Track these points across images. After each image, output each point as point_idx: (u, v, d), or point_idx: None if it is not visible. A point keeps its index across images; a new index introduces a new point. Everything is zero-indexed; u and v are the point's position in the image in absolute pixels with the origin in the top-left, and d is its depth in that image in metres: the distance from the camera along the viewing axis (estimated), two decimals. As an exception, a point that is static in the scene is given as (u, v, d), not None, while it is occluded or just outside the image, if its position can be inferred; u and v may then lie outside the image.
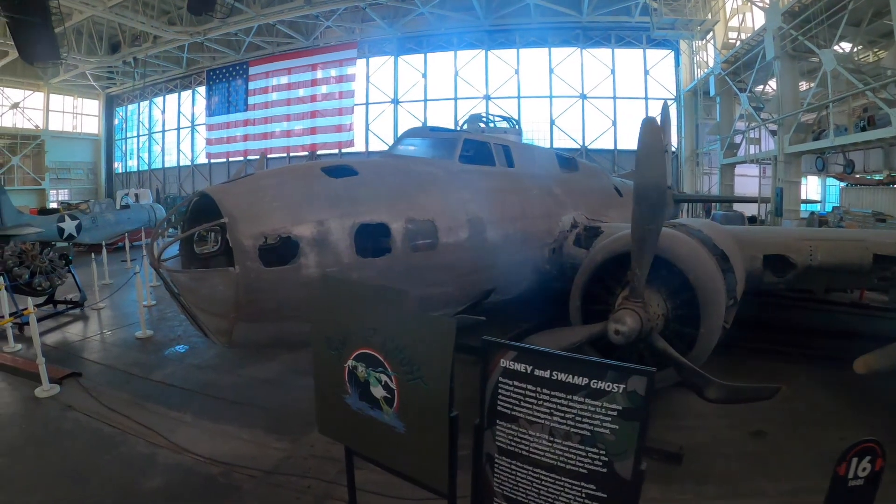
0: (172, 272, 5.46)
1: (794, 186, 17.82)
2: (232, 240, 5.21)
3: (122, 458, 5.67)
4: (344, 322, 2.97)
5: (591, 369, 2.50)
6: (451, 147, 8.24)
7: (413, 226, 6.36)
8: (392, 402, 2.82)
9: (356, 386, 2.96)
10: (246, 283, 5.19)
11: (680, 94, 29.04)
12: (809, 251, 7.15)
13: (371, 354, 2.88)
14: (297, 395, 7.18)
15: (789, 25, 16.07)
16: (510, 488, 2.68)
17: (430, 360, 2.70)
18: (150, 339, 10.07)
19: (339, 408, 3.04)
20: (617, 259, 6.10)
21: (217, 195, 5.53)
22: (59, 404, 7.04)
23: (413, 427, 2.76)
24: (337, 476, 5.08)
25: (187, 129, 39.71)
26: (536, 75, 32.21)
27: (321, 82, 33.84)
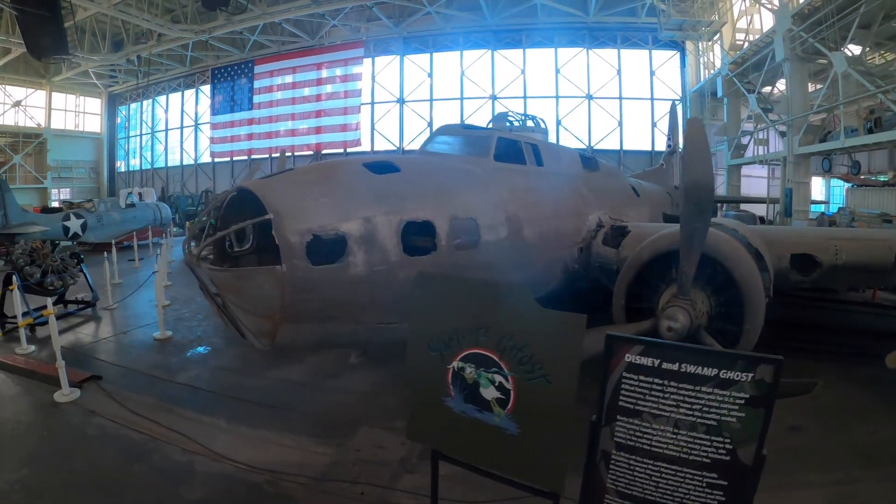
0: (213, 271, 5.29)
1: (804, 187, 17.87)
2: (278, 237, 5.05)
3: (157, 468, 5.37)
4: (449, 322, 2.86)
5: (721, 360, 2.54)
6: (486, 145, 8.22)
7: (456, 224, 6.30)
8: (506, 403, 2.76)
9: (462, 388, 2.87)
10: (293, 282, 5.03)
11: (686, 94, 29.05)
12: (835, 250, 7.19)
13: (483, 354, 2.79)
14: (331, 397, 7.06)
15: (799, 28, 16.07)
16: (625, 484, 2.67)
17: (554, 357, 2.66)
18: (170, 340, 9.82)
19: (437, 412, 2.93)
20: (662, 257, 6.15)
21: (259, 190, 5.36)
22: (81, 410, 6.68)
23: (528, 428, 2.71)
24: (390, 480, 4.97)
25: (190, 127, 39.64)
26: (542, 75, 32.23)
27: (327, 81, 33.79)
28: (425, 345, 2.94)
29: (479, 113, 32.92)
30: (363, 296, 5.51)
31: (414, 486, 4.70)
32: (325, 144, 33.67)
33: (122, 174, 42.39)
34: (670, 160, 21.49)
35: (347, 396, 6.90)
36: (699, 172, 5.07)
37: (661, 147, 29.30)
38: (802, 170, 17.78)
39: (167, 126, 40.93)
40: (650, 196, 14.31)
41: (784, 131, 18.38)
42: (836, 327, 10.32)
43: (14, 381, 7.73)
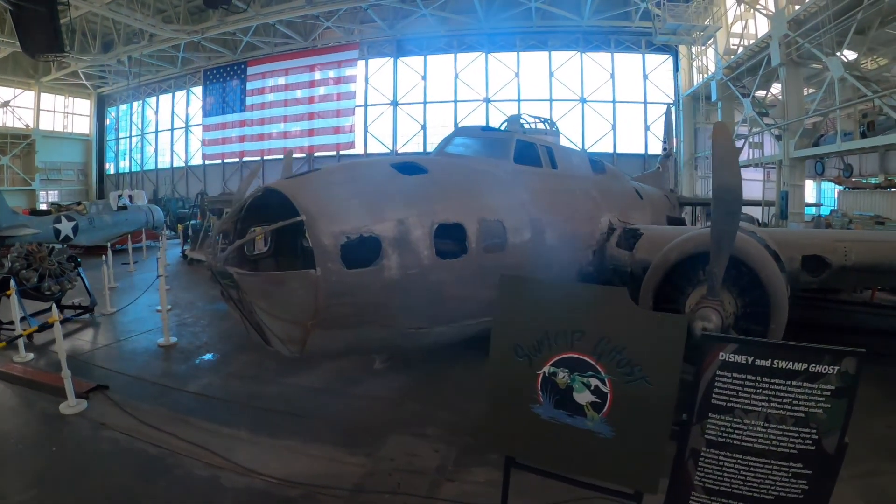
0: (242, 275, 5.16)
1: (799, 190, 18.12)
2: (311, 239, 4.95)
3: (180, 484, 5.09)
4: (539, 326, 2.82)
5: (810, 354, 2.62)
6: (506, 147, 8.23)
7: (485, 226, 6.28)
8: (601, 406, 2.76)
9: (552, 394, 2.85)
10: (327, 287, 4.90)
11: (679, 98, 29.31)
12: (844, 252, 7.33)
13: (577, 359, 2.78)
14: (354, 404, 6.89)
15: (795, 33, 16.29)
16: (713, 480, 2.73)
17: (655, 359, 2.69)
18: (175, 346, 9.52)
19: (521, 419, 2.89)
20: (688, 260, 6.21)
21: (289, 191, 5.25)
22: (89, 422, 6.34)
23: (624, 430, 2.73)
24: (430, 490, 4.83)
25: (181, 129, 39.20)
26: (536, 79, 32.34)
27: (322, 83, 33.60)
28: (511, 350, 2.89)
29: (473, 116, 32.97)
30: (396, 300, 5.43)
31: (456, 494, 4.64)
32: (318, 147, 33.46)
33: (111, 176, 41.82)
34: (666, 163, 21.69)
35: (371, 403, 6.79)
36: (728, 176, 5.19)
37: (654, 150, 29.56)
38: (798, 173, 18.03)
39: (157, 128, 40.46)
40: (652, 199, 14.46)
41: (779, 135, 18.60)
42: (838, 327, 10.49)
43: (14, 391, 7.36)
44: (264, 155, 34.58)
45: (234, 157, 35.54)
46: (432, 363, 7.77)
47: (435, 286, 5.69)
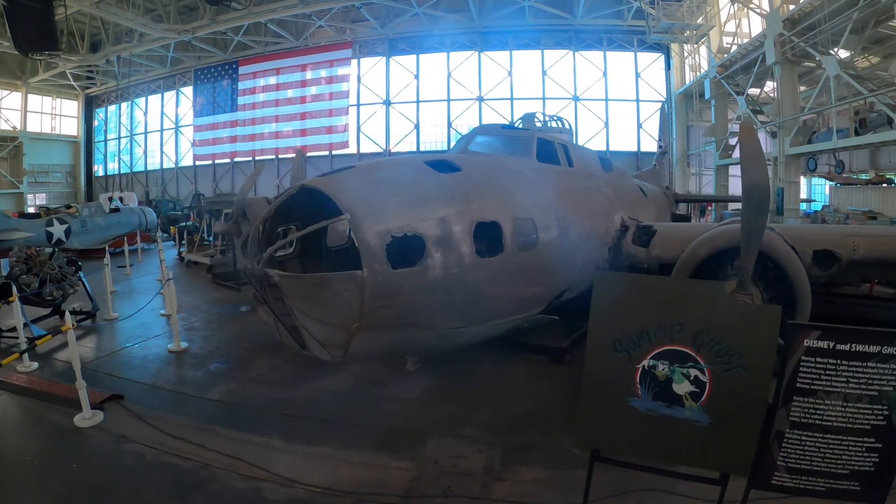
0: (285, 278, 5.07)
1: (794, 186, 18.44)
2: (357, 239, 4.86)
3: (219, 499, 4.81)
4: (637, 321, 2.92)
5: (883, 338, 2.82)
6: (528, 146, 8.28)
7: (519, 225, 6.30)
8: (699, 395, 2.88)
9: (650, 386, 2.94)
10: (373, 288, 4.80)
11: (671, 96, 29.60)
12: (853, 246, 7.53)
13: (678, 351, 2.89)
14: (385, 407, 6.73)
15: (790, 32, 16.55)
16: (795, 459, 2.91)
17: (751, 348, 2.82)
18: (186, 351, 9.16)
19: (619, 412, 2.98)
20: (718, 255, 6.36)
21: (329, 189, 5.15)
22: (109, 435, 5.96)
23: (721, 417, 2.86)
24: (483, 491, 4.76)
25: (171, 130, 38.77)
26: (529, 77, 32.48)
27: (315, 82, 33.48)
28: (610, 346, 2.97)
29: (467, 115, 33.09)
30: (439, 300, 5.39)
31: (508, 494, 4.63)
32: (311, 147, 33.27)
33: (100, 179, 41.26)
34: (662, 161, 21.90)
35: (402, 406, 6.67)
36: (757, 174, 5.35)
37: (647, 148, 29.89)
38: (793, 169, 18.34)
39: (146, 129, 39.95)
40: (654, 196, 14.63)
41: (774, 132, 18.89)
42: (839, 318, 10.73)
43: (22, 403, 6.92)
44: (255, 155, 34.41)
45: (226, 158, 35.28)
46: (455, 363, 7.68)
47: (474, 285, 5.68)
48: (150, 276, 17.54)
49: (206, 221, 21.31)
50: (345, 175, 5.71)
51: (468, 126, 33.62)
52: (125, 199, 27.51)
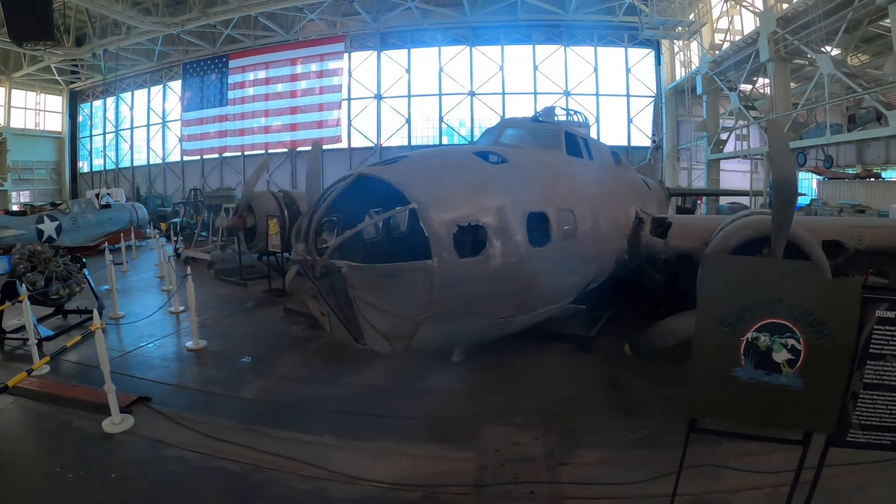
0: (353, 269, 5.02)
1: (788, 181, 18.80)
2: (426, 228, 4.85)
3: (283, 502, 4.66)
4: (741, 298, 3.18)
5: None
6: (558, 139, 8.42)
7: (562, 215, 6.42)
8: (794, 363, 3.14)
9: (753, 357, 3.20)
10: (442, 278, 4.81)
11: (661, 91, 29.99)
12: (859, 237, 7.88)
13: (777, 323, 3.14)
14: (429, 399, 6.72)
15: (784, 30, 16.95)
16: (867, 417, 3.21)
17: (837, 318, 3.10)
18: (205, 350, 8.87)
19: (723, 382, 3.25)
20: (748, 244, 6.50)
21: (393, 178, 5.13)
22: (144, 440, 5.65)
23: (813, 381, 3.15)
24: (550, 475, 4.84)
25: (158, 125, 38.11)
26: (521, 72, 32.63)
27: (308, 76, 33.17)
28: (717, 321, 3.21)
29: (458, 109, 33.16)
30: (497, 289, 5.45)
31: (577, 476, 4.78)
32: (301, 142, 33.09)
33: (86, 175, 40.41)
34: (656, 155, 22.26)
35: (445, 397, 6.72)
36: (785, 169, 5.67)
37: (636, 143, 30.27)
38: (787, 164, 18.71)
39: (132, 124, 39.19)
40: (654, 189, 14.94)
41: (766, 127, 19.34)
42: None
43: (42, 409, 6.46)
44: (244, 150, 34.06)
45: (214, 153, 34.81)
46: (489, 354, 7.71)
47: (527, 274, 5.77)
48: (148, 274, 17.34)
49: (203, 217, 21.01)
50: (403, 165, 5.69)
51: (459, 121, 33.75)
52: (113, 196, 27.15)
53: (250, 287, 14.46)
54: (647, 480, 4.63)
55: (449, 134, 33.84)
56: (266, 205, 14.37)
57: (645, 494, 4.49)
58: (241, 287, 14.55)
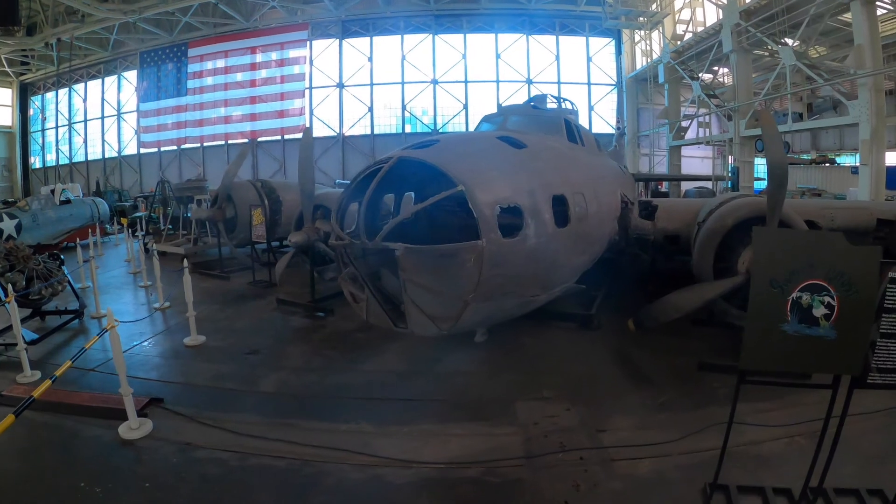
0: (409, 249, 5.09)
1: (749, 166, 19.93)
2: (475, 210, 4.97)
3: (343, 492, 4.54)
4: (788, 263, 3.70)
5: None
6: (559, 126, 8.77)
7: (576, 198, 6.73)
8: (830, 316, 3.66)
9: (797, 313, 3.69)
10: (489, 258, 4.96)
11: (621, 80, 30.85)
12: (831, 217, 8.57)
13: (816, 283, 3.66)
14: (453, 381, 6.79)
15: (747, 22, 17.82)
16: (883, 361, 3.76)
17: (862, 278, 3.66)
18: (205, 345, 8.56)
19: (773, 336, 3.75)
20: (742, 224, 7.04)
21: (436, 160, 5.22)
22: (170, 444, 5.33)
23: (844, 332, 3.68)
24: (592, 441, 5.12)
25: (113, 117, 36.71)
26: (483, 60, 32.96)
27: (269, 65, 32.60)
28: (768, 284, 3.71)
29: (421, 98, 33.25)
30: (530, 269, 5.68)
31: (616, 440, 5.12)
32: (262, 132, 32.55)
33: (38, 170, 38.63)
34: (621, 141, 23.03)
35: (469, 379, 6.88)
36: (778, 155, 6.20)
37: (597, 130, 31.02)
38: (748, 150, 19.81)
39: (86, 116, 37.64)
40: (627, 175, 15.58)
41: (730, 115, 20.30)
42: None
43: (44, 420, 5.83)
44: (204, 141, 33.25)
45: (172, 145, 33.83)
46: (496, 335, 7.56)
47: (553, 254, 6.05)
48: (119, 270, 16.82)
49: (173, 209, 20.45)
50: (443, 148, 5.79)
51: (422, 109, 33.86)
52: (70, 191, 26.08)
53: (233, 279, 14.18)
54: (680, 439, 5.10)
55: (412, 122, 33.95)
56: (247, 195, 14.18)
57: (682, 451, 4.94)
58: (224, 280, 14.21)
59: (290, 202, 14.06)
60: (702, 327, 8.33)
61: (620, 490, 4.39)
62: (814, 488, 4.07)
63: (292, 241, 9.30)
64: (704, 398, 6.08)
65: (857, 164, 14.75)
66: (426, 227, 8.24)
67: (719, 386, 6.35)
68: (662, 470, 4.67)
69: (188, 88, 33.23)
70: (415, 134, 33.91)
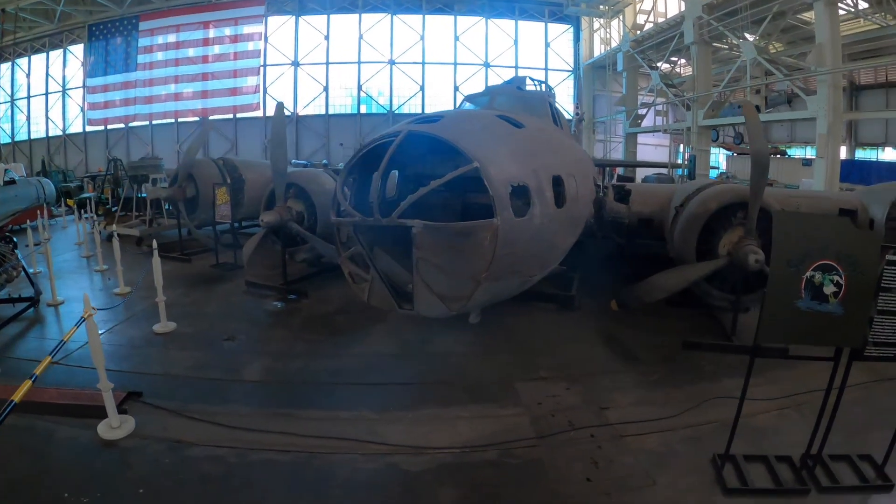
0: (428, 226, 5.01)
1: (705, 154, 20.71)
2: (490, 187, 4.90)
3: (359, 484, 4.38)
4: (803, 244, 3.97)
5: None
6: (545, 108, 8.89)
7: (569, 179, 6.82)
8: (838, 294, 3.97)
9: (810, 290, 3.98)
10: (503, 236, 4.93)
11: (578, 67, 31.32)
12: (797, 205, 9.04)
13: (827, 264, 3.96)
14: (448, 363, 6.75)
15: (709, 16, 18.39)
16: (879, 335, 4.10)
17: (865, 259, 3.98)
18: (176, 332, 7.99)
19: (788, 312, 4.02)
20: (724, 208, 7.35)
21: (449, 135, 5.13)
22: (158, 442, 4.87)
23: (850, 308, 3.99)
24: (598, 419, 5.26)
25: (58, 94, 34.52)
26: (441, 42, 32.82)
27: (224, 41, 31.38)
28: (785, 263, 3.98)
29: (377, 78, 32.85)
30: (533, 248, 5.72)
31: (622, 416, 5.32)
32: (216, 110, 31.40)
33: (-25, 151, 35.83)
34: (579, 127, 23.42)
35: (463, 360, 6.87)
36: (761, 146, 6.60)
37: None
38: (704, 139, 20.56)
39: (29, 93, 35.20)
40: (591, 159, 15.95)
41: (688, 105, 20.96)
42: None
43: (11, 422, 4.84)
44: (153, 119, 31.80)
45: (120, 123, 32.20)
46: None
47: (552, 234, 6.15)
48: (70, 254, 15.94)
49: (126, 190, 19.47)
50: (449, 124, 5.68)
51: (378, 90, 33.45)
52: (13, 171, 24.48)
53: (194, 262, 13.61)
54: (679, 414, 5.37)
55: (367, 103, 33.54)
56: (209, 173, 13.63)
57: (684, 424, 5.21)
58: (185, 262, 13.59)
59: (253, 181, 13.69)
60: (677, 308, 8.66)
61: (635, 464, 4.57)
62: (812, 455, 4.37)
63: (264, 221, 9.09)
64: (694, 375, 6.37)
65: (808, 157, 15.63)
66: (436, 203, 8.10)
67: (706, 363, 6.67)
68: (670, 443, 4.90)
69: (138, 63, 31.70)
70: (370, 115, 33.54)
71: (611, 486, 4.24)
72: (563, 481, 4.33)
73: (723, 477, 4.27)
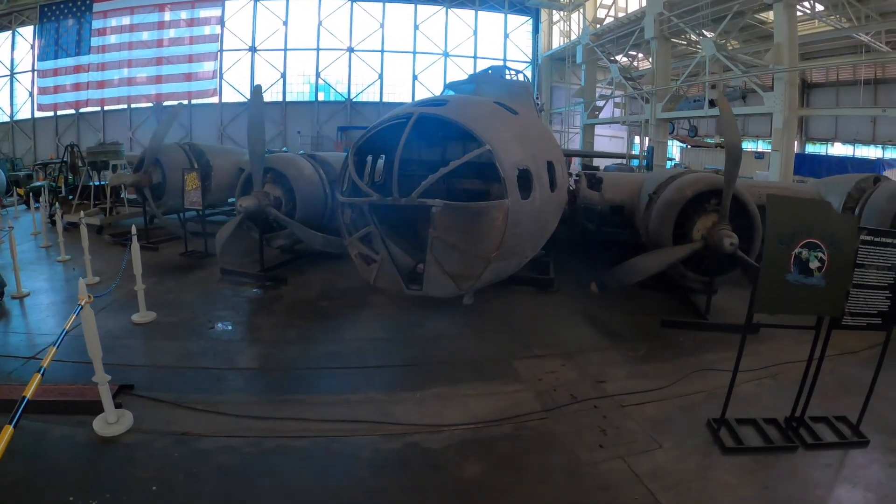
0: (448, 205, 5.15)
1: (662, 146, 21.52)
2: (501, 169, 5.13)
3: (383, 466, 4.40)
4: (792, 224, 4.39)
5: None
6: (529, 96, 9.13)
7: (557, 165, 7.11)
8: (821, 268, 4.42)
9: (797, 265, 4.41)
10: (513, 217, 5.18)
11: (537, 58, 31.84)
12: (760, 195, 9.61)
13: (813, 242, 4.39)
14: (443, 345, 6.91)
15: (670, 12, 19.09)
16: (854, 306, 4.59)
17: (845, 238, 4.44)
18: (157, 322, 7.74)
19: (779, 285, 4.44)
20: (699, 196, 7.81)
21: (462, 119, 5.28)
22: (162, 437, 4.67)
23: (831, 281, 4.46)
24: (598, 391, 5.57)
25: (5, 77, 32.50)
26: (401, 31, 32.77)
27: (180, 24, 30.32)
28: (777, 241, 4.40)
29: (335, 66, 32.53)
30: (532, 229, 6.01)
31: (620, 388, 5.69)
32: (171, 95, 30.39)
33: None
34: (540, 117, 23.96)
35: (458, 342, 7.08)
36: (734, 137, 7.04)
37: (515, 106, 31.98)
38: (662, 132, 21.37)
39: (-25, 77, 32.94)
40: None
41: (647, 98, 21.71)
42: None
43: None
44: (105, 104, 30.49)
45: (71, 109, 30.78)
46: None
47: (545, 217, 6.44)
48: (27, 245, 15.19)
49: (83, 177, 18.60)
50: (457, 107, 5.83)
51: (336, 78, 33.12)
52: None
53: (162, 250, 13.26)
54: (670, 385, 5.81)
55: (325, 90, 33.17)
56: (177, 158, 13.24)
57: (676, 394, 5.65)
58: (153, 251, 13.13)
59: (220, 167, 13.55)
60: (650, 291, 9.14)
61: (639, 430, 4.94)
62: (796, 417, 4.86)
63: (242, 206, 8.96)
64: (677, 350, 6.85)
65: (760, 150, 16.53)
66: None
67: (684, 340, 7.17)
68: (666, 410, 5.32)
69: (91, 47, 30.26)
70: (328, 102, 33.20)
71: (623, 451, 4.58)
72: (579, 449, 4.62)
73: (720, 438, 4.69)
